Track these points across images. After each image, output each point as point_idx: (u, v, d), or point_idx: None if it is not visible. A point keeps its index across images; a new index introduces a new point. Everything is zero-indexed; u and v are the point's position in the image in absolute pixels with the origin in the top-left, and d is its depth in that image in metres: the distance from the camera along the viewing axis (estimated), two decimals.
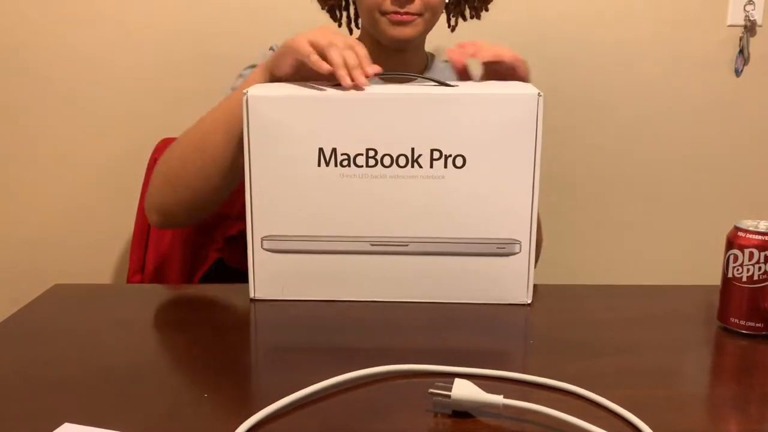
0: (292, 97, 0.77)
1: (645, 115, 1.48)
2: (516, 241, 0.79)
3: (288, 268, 0.81)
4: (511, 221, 0.79)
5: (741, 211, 0.84)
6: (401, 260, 0.80)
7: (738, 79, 1.47)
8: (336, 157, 0.78)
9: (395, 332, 0.74)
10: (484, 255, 0.80)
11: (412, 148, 0.77)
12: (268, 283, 0.82)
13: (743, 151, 1.50)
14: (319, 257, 0.80)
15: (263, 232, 0.80)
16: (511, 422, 0.55)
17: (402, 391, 0.60)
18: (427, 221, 0.79)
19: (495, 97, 0.76)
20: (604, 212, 1.51)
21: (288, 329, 0.76)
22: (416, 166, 0.78)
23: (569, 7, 1.42)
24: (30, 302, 0.82)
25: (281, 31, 1.20)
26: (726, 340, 0.72)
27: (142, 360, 0.66)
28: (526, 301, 0.81)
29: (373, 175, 0.78)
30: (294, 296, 0.81)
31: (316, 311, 0.80)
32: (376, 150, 0.77)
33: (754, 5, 1.43)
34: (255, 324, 0.77)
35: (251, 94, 0.77)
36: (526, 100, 0.76)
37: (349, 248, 0.80)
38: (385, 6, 0.98)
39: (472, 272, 0.80)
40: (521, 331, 0.74)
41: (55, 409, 0.57)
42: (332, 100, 0.77)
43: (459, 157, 0.77)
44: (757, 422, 0.56)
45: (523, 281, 0.80)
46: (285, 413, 0.56)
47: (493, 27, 1.42)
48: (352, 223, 0.79)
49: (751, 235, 0.70)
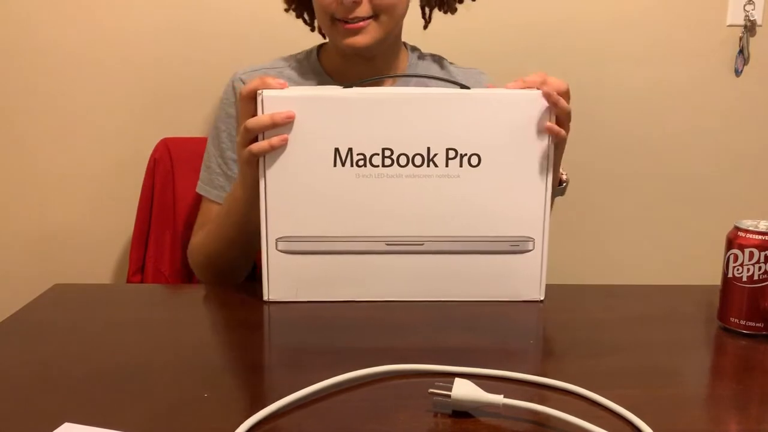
0: (308, 98, 0.77)
1: (645, 114, 1.48)
2: (529, 238, 0.79)
3: (303, 270, 0.80)
4: (525, 219, 0.79)
5: (741, 211, 0.84)
6: (417, 259, 0.80)
7: (738, 79, 1.47)
8: (352, 157, 0.78)
9: (395, 332, 0.74)
10: (498, 253, 0.80)
11: (428, 148, 0.78)
12: (283, 285, 0.81)
13: (743, 151, 1.50)
14: (334, 258, 0.80)
15: (278, 233, 0.80)
16: (511, 422, 0.55)
17: (402, 391, 0.60)
18: (442, 220, 0.79)
19: (510, 97, 0.77)
20: (603, 212, 1.51)
21: (287, 329, 0.76)
22: (432, 166, 0.78)
23: (569, 8, 1.42)
24: (30, 302, 0.81)
25: (282, 30, 1.20)
26: (726, 340, 0.72)
27: (141, 360, 0.66)
28: (539, 298, 0.81)
29: (389, 174, 0.78)
30: (309, 298, 0.81)
31: (316, 311, 0.80)
32: (392, 149, 0.78)
33: (754, 5, 1.43)
34: (255, 324, 0.77)
35: (266, 94, 0.76)
36: (541, 100, 0.76)
37: (364, 248, 0.80)
38: (335, 12, 0.92)
39: (486, 270, 0.80)
40: (521, 331, 0.74)
41: (55, 409, 0.57)
42: (348, 100, 0.77)
43: (474, 156, 0.78)
44: (757, 422, 0.56)
45: (536, 278, 0.81)
46: (285, 413, 0.56)
47: (493, 27, 1.42)
48: (367, 223, 0.79)
49: (751, 235, 0.70)
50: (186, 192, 1.18)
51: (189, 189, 1.11)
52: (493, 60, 1.41)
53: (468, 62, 1.17)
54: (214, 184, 1.01)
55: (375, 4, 0.91)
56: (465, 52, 1.43)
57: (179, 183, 1.20)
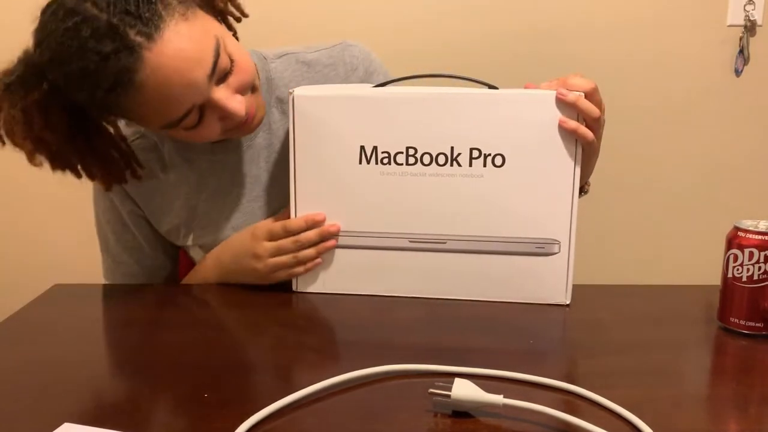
0: (336, 97, 0.79)
1: (645, 114, 1.48)
2: (555, 241, 0.79)
3: (328, 262, 0.83)
4: (551, 221, 0.79)
5: (741, 211, 0.84)
6: (439, 257, 0.81)
7: (738, 79, 1.47)
8: (377, 155, 0.79)
9: (396, 332, 0.74)
10: (523, 254, 0.80)
11: (452, 147, 0.78)
12: (310, 276, 0.84)
13: (743, 151, 1.50)
14: (358, 252, 0.82)
15: None
16: (511, 422, 0.55)
17: (402, 391, 0.60)
18: (465, 219, 0.79)
19: (535, 97, 0.76)
20: (603, 212, 1.51)
21: (287, 329, 0.76)
22: (455, 165, 0.78)
23: (569, 8, 1.42)
24: (30, 302, 0.82)
25: (282, 29, 1.20)
26: (726, 340, 0.72)
27: (141, 360, 0.66)
28: (565, 302, 0.81)
29: (413, 173, 0.79)
30: (334, 290, 0.83)
31: (316, 311, 0.80)
32: (416, 148, 0.78)
33: (754, 5, 1.43)
34: (255, 324, 0.77)
35: (297, 93, 0.79)
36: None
37: (388, 244, 0.81)
38: (228, 128, 0.80)
39: (511, 271, 0.80)
40: (521, 331, 0.74)
41: (55, 409, 0.57)
42: (374, 100, 0.78)
43: (498, 156, 0.78)
44: (757, 422, 0.56)
45: (561, 282, 0.80)
46: (285, 413, 0.56)
47: (493, 27, 1.42)
48: (391, 220, 0.80)
49: (751, 235, 0.70)
50: None
51: None
52: (491, 62, 1.42)
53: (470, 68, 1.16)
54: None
55: (249, 88, 0.80)
56: (466, 58, 1.43)
57: None
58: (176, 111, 0.73)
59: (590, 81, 0.77)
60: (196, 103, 0.74)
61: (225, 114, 0.77)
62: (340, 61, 0.94)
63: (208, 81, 0.73)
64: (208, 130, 0.78)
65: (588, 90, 0.76)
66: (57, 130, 0.74)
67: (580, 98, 0.75)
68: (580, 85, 0.76)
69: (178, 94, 0.72)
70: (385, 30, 1.42)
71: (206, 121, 0.77)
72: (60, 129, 0.75)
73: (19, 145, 0.74)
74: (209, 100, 0.75)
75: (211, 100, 0.75)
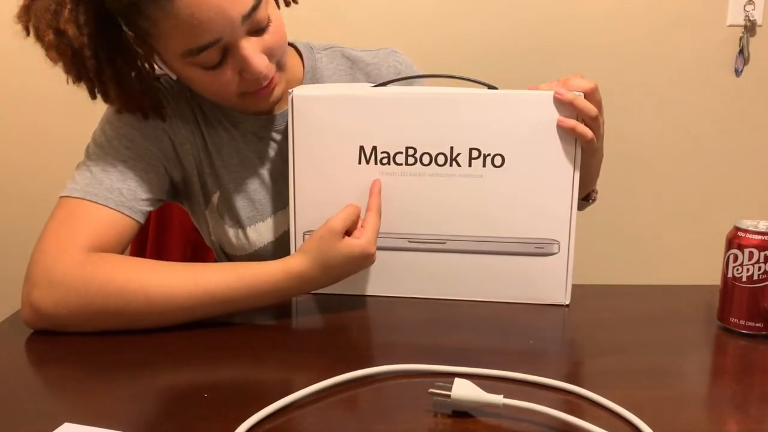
0: (336, 97, 0.79)
1: (644, 114, 1.48)
2: (554, 241, 0.79)
3: None
4: (550, 221, 0.79)
5: (741, 211, 0.84)
6: (439, 258, 0.81)
7: (738, 79, 1.47)
8: (376, 155, 0.79)
9: (396, 332, 0.74)
10: (522, 255, 0.80)
11: (451, 147, 0.78)
12: None
13: (743, 151, 1.50)
14: None
15: (305, 227, 0.82)
16: (511, 422, 0.55)
17: (402, 391, 0.60)
18: (464, 220, 0.79)
19: (534, 97, 0.76)
20: (603, 212, 1.51)
21: (288, 329, 0.76)
22: (455, 165, 0.78)
23: (569, 8, 1.42)
24: None
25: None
26: (726, 340, 0.72)
27: (142, 359, 0.66)
28: (564, 302, 0.81)
29: (412, 173, 0.79)
30: (334, 290, 0.81)
31: (316, 310, 0.80)
32: (415, 148, 0.78)
33: (754, 5, 1.43)
34: (254, 324, 0.77)
35: (296, 93, 0.79)
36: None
37: (387, 244, 0.81)
38: (246, 88, 0.79)
39: (510, 272, 0.80)
40: (521, 331, 0.74)
41: (55, 409, 0.57)
42: (373, 100, 0.78)
43: (498, 156, 0.78)
44: (757, 422, 0.56)
45: (561, 282, 0.80)
46: (285, 413, 0.56)
47: (493, 27, 1.42)
48: (390, 220, 0.80)
49: (751, 235, 0.70)
50: None
51: None
52: (492, 61, 1.42)
53: (469, 67, 1.16)
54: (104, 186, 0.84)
55: (277, 59, 0.80)
56: (465, 55, 1.43)
57: None
58: (201, 37, 0.72)
59: (591, 81, 0.77)
60: (223, 39, 0.73)
61: (246, 66, 0.76)
62: (385, 63, 0.95)
63: (241, 22, 0.73)
64: (224, 79, 0.77)
65: (588, 90, 0.76)
66: (81, 27, 0.72)
67: (577, 97, 0.75)
68: (580, 86, 0.76)
69: (209, 19, 0.71)
70: (385, 30, 1.42)
71: (226, 67, 0.76)
72: (85, 28, 0.73)
73: (41, 34, 0.72)
74: (236, 44, 0.74)
75: (237, 45, 0.74)
